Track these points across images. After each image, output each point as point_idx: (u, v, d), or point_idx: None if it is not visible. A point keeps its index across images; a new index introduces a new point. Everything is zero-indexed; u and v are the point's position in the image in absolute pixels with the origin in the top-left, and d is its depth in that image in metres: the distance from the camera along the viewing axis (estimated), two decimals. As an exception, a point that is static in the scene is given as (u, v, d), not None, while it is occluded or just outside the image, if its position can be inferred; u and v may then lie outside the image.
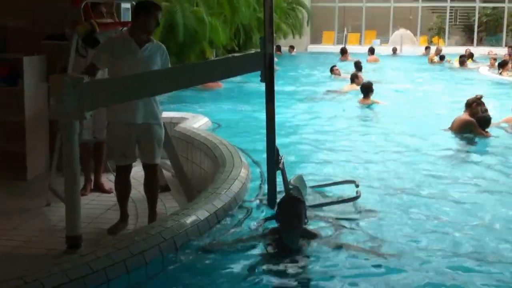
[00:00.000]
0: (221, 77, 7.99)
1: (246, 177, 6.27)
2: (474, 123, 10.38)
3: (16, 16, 7.84)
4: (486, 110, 10.73)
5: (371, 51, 27.70)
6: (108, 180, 7.46)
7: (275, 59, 19.40)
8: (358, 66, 21.06)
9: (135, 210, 6.60)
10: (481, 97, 10.92)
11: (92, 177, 7.40)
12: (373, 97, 14.24)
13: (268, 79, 5.77)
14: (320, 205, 6.55)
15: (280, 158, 6.18)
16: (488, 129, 10.42)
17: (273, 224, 5.48)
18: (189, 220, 5.02)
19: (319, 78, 21.14)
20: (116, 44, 6.00)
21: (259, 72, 5.86)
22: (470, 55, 27.23)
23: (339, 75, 20.48)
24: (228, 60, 8.18)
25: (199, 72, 5.72)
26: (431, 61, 27.54)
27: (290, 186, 6.27)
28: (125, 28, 6.52)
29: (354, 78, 16.66)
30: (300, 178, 6.75)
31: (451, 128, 10.68)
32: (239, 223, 5.56)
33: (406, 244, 5.49)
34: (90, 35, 6.52)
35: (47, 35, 7.57)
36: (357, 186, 6.88)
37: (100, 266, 4.07)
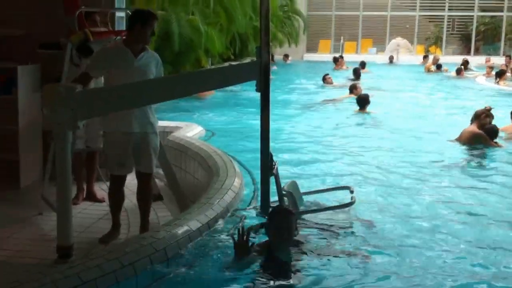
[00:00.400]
0: (216, 87, 7.96)
1: (239, 186, 6.27)
2: (484, 136, 10.34)
3: (12, 24, 7.83)
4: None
5: (363, 65, 27.72)
6: (100, 189, 7.45)
7: (274, 68, 19.68)
8: (357, 73, 20.98)
9: (127, 220, 6.57)
10: (490, 108, 10.91)
11: (85, 186, 7.39)
12: (369, 108, 14.23)
13: (264, 88, 5.73)
14: (314, 211, 6.55)
15: (274, 163, 6.18)
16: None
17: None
18: (181, 230, 4.98)
19: (312, 87, 21.17)
20: (110, 54, 5.98)
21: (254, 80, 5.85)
22: (465, 63, 27.33)
23: (331, 83, 20.49)
24: (223, 69, 8.17)
25: (194, 82, 5.69)
26: (428, 70, 27.58)
27: (284, 192, 6.26)
28: (118, 37, 6.52)
29: (352, 89, 16.64)
30: (294, 184, 6.71)
31: (458, 140, 10.64)
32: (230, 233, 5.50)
33: (402, 251, 5.48)
34: (83, 44, 6.53)
35: (42, 43, 7.59)
36: (351, 192, 6.82)
37: (90, 277, 4.06)
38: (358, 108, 14.21)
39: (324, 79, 20.92)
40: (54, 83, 5.82)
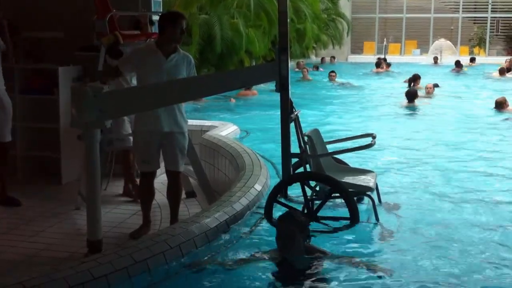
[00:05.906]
0: (237, 87, 8.12)
1: (263, 185, 6.32)
2: None
3: (49, 29, 8.12)
4: None
5: (378, 64, 27.94)
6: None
7: (321, 70, 21.07)
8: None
9: (159, 215, 6.76)
10: None
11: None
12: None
13: (283, 89, 5.80)
14: (332, 154, 6.70)
15: (294, 111, 6.12)
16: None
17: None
18: (198, 228, 5.03)
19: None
20: (141, 54, 6.12)
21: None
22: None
23: (335, 80, 21.52)
24: (244, 70, 8.27)
25: (217, 82, 5.82)
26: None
27: (305, 138, 6.24)
28: (149, 40, 6.74)
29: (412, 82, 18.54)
30: (316, 132, 6.65)
31: None
32: (249, 231, 5.63)
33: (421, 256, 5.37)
34: (114, 46, 6.74)
35: (81, 46, 7.86)
36: (373, 138, 6.59)
37: (101, 272, 4.12)
38: (407, 101, 15.49)
39: (329, 76, 22.00)
40: (83, 83, 6.02)
